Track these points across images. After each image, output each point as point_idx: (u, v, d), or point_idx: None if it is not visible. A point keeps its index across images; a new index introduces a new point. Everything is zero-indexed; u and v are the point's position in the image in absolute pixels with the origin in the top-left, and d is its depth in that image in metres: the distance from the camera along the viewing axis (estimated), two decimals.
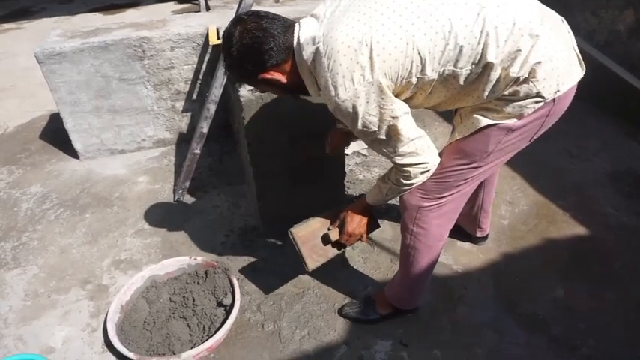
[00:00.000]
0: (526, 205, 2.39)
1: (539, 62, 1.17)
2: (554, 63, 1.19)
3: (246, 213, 2.43)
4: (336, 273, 2.03)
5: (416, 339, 1.76)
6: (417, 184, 1.38)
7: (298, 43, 1.26)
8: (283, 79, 1.31)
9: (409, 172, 1.32)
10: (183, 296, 1.89)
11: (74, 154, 2.95)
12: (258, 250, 2.18)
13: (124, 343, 1.68)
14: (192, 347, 1.70)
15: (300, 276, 2.03)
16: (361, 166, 2.74)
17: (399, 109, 1.24)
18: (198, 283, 1.93)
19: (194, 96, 2.86)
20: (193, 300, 1.86)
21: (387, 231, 2.23)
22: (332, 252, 1.66)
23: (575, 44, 1.29)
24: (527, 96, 1.21)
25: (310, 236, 1.63)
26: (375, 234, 2.18)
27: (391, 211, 2.34)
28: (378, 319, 1.80)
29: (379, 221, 1.74)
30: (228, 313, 1.79)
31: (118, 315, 1.80)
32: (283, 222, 2.16)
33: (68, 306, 1.99)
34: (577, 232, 2.20)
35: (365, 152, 2.85)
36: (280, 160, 2.03)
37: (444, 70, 1.21)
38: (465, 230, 2.11)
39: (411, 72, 1.20)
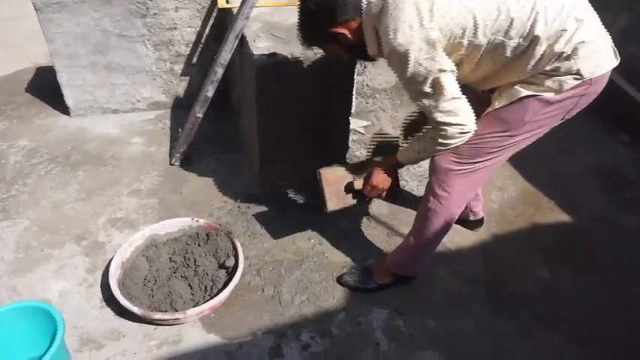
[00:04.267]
0: (515, 191, 2.49)
1: (582, 42, 1.28)
2: (596, 46, 1.31)
3: (243, 180, 2.43)
4: (334, 244, 2.08)
5: (411, 309, 1.83)
6: (452, 146, 1.43)
7: (368, 3, 1.34)
8: (349, 35, 1.40)
9: (446, 130, 1.38)
10: (184, 257, 1.89)
11: (64, 110, 2.86)
12: (256, 216, 2.20)
13: (126, 299, 1.68)
14: (194, 306, 1.72)
15: (299, 244, 2.07)
16: (358, 143, 2.77)
17: (448, 64, 1.32)
18: (199, 244, 1.94)
19: (194, 60, 2.81)
20: (195, 261, 1.86)
21: (383, 207, 2.29)
22: (351, 201, 1.75)
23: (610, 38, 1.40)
24: (568, 72, 1.31)
25: (335, 181, 1.71)
26: (371, 209, 2.25)
27: None
28: (375, 289, 1.86)
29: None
30: (230, 275, 1.81)
31: (119, 271, 1.80)
32: (283, 190, 2.20)
33: (63, 261, 1.97)
34: (561, 219, 2.32)
35: (361, 130, 2.88)
36: (288, 129, 2.04)
37: (494, 38, 1.30)
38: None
39: (464, 33, 1.30)
